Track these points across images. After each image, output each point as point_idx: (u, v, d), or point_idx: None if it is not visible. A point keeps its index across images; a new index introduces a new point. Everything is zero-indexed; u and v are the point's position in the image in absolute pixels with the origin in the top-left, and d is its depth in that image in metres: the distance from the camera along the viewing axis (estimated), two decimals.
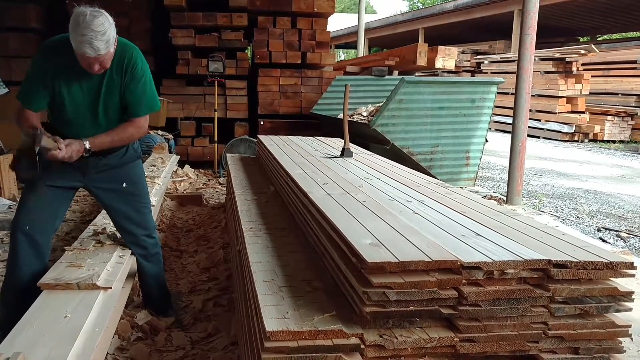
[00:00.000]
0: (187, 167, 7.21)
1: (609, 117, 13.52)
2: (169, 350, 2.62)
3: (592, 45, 14.29)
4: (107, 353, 2.42)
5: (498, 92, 6.40)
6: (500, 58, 16.37)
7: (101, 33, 2.19)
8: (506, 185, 6.17)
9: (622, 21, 19.07)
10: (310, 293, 1.81)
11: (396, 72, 8.15)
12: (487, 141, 6.48)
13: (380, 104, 6.28)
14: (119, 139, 2.53)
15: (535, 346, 1.67)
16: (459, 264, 1.61)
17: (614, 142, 13.46)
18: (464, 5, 18.66)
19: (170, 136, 7.33)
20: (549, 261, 1.65)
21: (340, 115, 6.09)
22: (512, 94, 7.49)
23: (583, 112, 13.75)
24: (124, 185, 2.67)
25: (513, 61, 12.80)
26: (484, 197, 5.46)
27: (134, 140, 2.64)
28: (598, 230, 5.30)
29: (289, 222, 2.78)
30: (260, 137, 5.07)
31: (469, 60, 18.86)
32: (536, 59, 12.77)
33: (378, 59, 8.68)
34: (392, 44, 22.15)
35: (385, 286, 1.56)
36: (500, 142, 11.31)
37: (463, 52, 18.79)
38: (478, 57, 18.16)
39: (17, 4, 7.04)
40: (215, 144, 7.34)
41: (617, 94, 13.84)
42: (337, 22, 24.12)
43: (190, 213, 5.33)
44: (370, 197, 2.54)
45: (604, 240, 4.93)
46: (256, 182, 3.91)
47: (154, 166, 5.26)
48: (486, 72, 16.65)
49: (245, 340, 2.07)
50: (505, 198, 6.16)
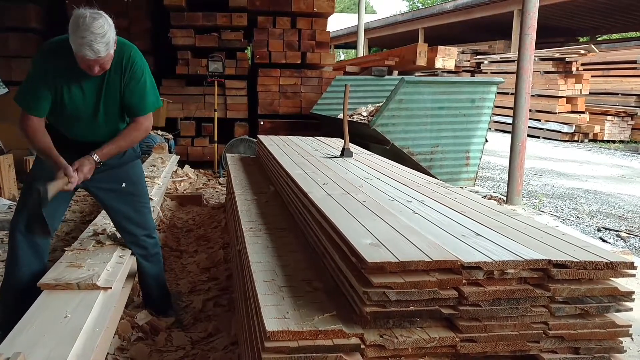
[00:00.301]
0: (187, 167, 7.21)
1: (608, 117, 13.52)
2: (169, 351, 2.62)
3: (591, 45, 14.30)
4: (108, 353, 2.41)
5: (498, 92, 6.40)
6: (500, 58, 16.37)
7: (101, 35, 2.18)
8: (506, 185, 6.17)
9: (622, 21, 19.08)
10: (310, 293, 1.81)
11: (396, 72, 8.15)
12: (487, 141, 6.48)
13: (380, 104, 6.28)
14: (125, 144, 2.53)
15: (536, 346, 1.67)
16: (459, 264, 1.61)
17: (613, 142, 13.46)
18: (464, 5, 18.66)
19: (170, 136, 7.33)
20: (549, 261, 1.65)
21: (340, 115, 6.09)
22: (512, 94, 7.49)
23: (583, 112, 13.75)
24: (124, 185, 2.67)
25: (513, 61, 12.79)
26: (484, 197, 5.46)
27: (140, 140, 2.64)
28: (598, 230, 5.30)
29: (289, 222, 2.77)
30: (260, 137, 5.07)
31: (468, 60, 18.86)
32: (536, 59, 12.77)
33: (378, 59, 8.68)
34: (392, 44, 22.15)
35: (386, 286, 1.56)
36: (500, 142, 11.31)
37: (463, 52, 18.79)
38: (478, 57, 18.15)
39: (17, 4, 7.04)
40: (215, 144, 7.33)
41: (616, 94, 13.84)
42: (337, 22, 24.11)
43: (190, 213, 5.33)
44: (371, 197, 2.54)
45: (604, 240, 4.93)
46: (256, 182, 3.91)
47: (154, 166, 5.26)
48: (486, 72, 16.65)
49: (245, 340, 2.07)
50: (505, 198, 6.16)
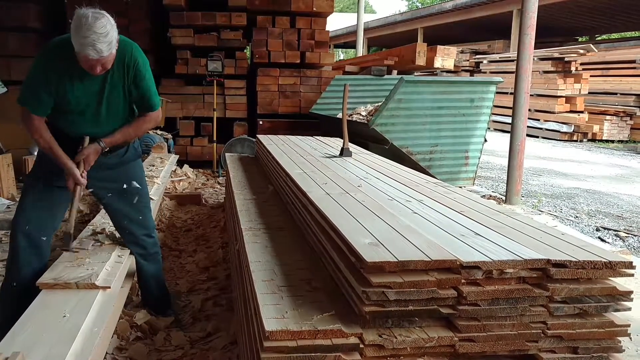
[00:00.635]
0: (186, 166, 7.20)
1: (607, 117, 13.53)
2: (168, 350, 2.61)
3: (591, 45, 14.30)
4: (106, 353, 2.41)
5: (497, 92, 6.40)
6: (499, 58, 16.37)
7: (103, 35, 2.19)
8: (505, 185, 6.17)
9: (621, 21, 19.08)
10: (309, 292, 1.81)
11: (395, 72, 8.15)
12: (486, 141, 6.48)
13: (379, 104, 6.28)
14: (134, 132, 2.61)
15: (535, 346, 1.67)
16: (458, 263, 1.61)
17: (612, 141, 13.47)
18: (463, 5, 18.66)
19: (169, 136, 7.32)
20: (548, 261, 1.66)
21: (339, 115, 6.10)
22: (511, 93, 7.49)
23: (582, 112, 13.76)
24: (124, 184, 2.68)
25: (512, 61, 12.79)
26: (483, 197, 5.46)
27: (149, 130, 2.74)
28: (597, 229, 5.30)
29: (288, 222, 2.77)
30: (259, 136, 5.07)
31: (467, 60, 18.86)
32: (535, 58, 12.77)
33: (377, 59, 8.69)
34: (391, 44, 22.15)
35: (385, 286, 1.56)
36: (499, 142, 11.30)
37: (462, 52, 18.79)
38: (477, 56, 18.15)
39: (17, 3, 7.03)
40: (214, 144, 7.33)
41: (615, 93, 13.85)
42: (336, 22, 24.11)
43: (189, 213, 5.33)
44: (370, 196, 2.54)
45: (602, 240, 4.93)
46: (255, 182, 3.91)
47: (153, 166, 5.26)
48: (485, 72, 16.64)
49: (244, 339, 2.07)
50: (504, 197, 6.16)
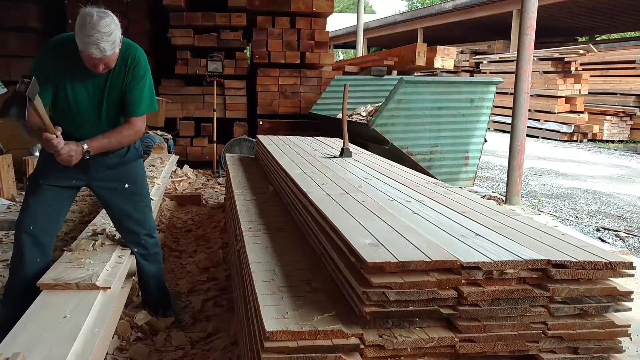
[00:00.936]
0: (186, 167, 7.20)
1: (607, 117, 13.54)
2: (169, 351, 2.61)
3: (590, 45, 14.31)
4: (107, 353, 2.41)
5: (497, 92, 6.40)
6: (499, 58, 16.38)
7: (107, 34, 2.19)
8: (505, 185, 6.17)
9: (621, 21, 19.09)
10: (309, 293, 1.81)
11: (395, 72, 8.16)
12: (486, 141, 6.48)
13: (379, 104, 6.28)
14: (116, 141, 2.53)
15: (535, 346, 1.67)
16: (458, 264, 1.61)
17: (612, 141, 13.47)
18: (463, 5, 18.66)
19: (169, 136, 7.33)
20: (549, 261, 1.66)
21: (339, 115, 6.10)
22: (511, 93, 7.50)
23: (582, 112, 13.76)
24: (126, 184, 2.68)
25: (512, 61, 12.79)
26: (483, 197, 5.46)
27: (130, 142, 2.63)
28: (597, 230, 5.31)
29: (288, 222, 2.77)
30: (259, 137, 5.07)
31: (467, 60, 18.87)
32: (535, 58, 12.78)
33: (377, 59, 8.69)
34: (391, 44, 22.15)
35: (385, 286, 1.56)
36: (499, 142, 11.31)
37: (462, 52, 18.80)
38: (477, 57, 18.16)
39: (17, 3, 7.03)
40: (214, 144, 7.33)
41: (615, 93, 13.85)
42: (336, 22, 24.10)
43: (189, 213, 5.33)
44: (370, 197, 2.54)
45: (603, 240, 4.93)
46: (255, 182, 3.91)
47: (153, 166, 5.26)
48: (485, 72, 16.65)
49: (244, 340, 2.08)
50: (504, 198, 6.16)
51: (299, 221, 2.66)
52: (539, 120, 14.16)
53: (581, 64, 13.85)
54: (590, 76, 14.10)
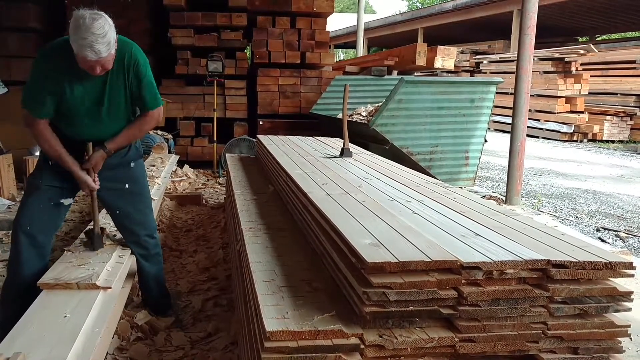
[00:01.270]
0: (186, 167, 7.20)
1: (608, 117, 13.54)
2: (169, 350, 2.62)
3: (591, 45, 14.31)
4: (107, 353, 2.42)
5: (497, 92, 6.40)
6: (500, 58, 16.38)
7: (102, 36, 2.18)
8: (505, 185, 6.17)
9: (621, 21, 19.09)
10: (310, 293, 1.81)
11: (395, 72, 8.15)
12: (486, 141, 6.48)
13: (380, 104, 6.28)
14: (136, 132, 2.63)
15: (535, 346, 1.67)
16: (458, 264, 1.61)
17: (612, 142, 13.47)
18: (463, 5, 18.67)
19: (170, 136, 7.33)
20: (549, 261, 1.66)
21: (340, 115, 6.10)
22: (511, 93, 7.49)
23: (582, 112, 13.77)
24: (126, 184, 2.68)
25: (512, 61, 12.80)
26: (483, 197, 5.47)
27: (150, 129, 2.74)
28: (597, 230, 5.31)
29: (288, 222, 2.78)
30: (260, 137, 5.07)
31: (468, 60, 18.87)
32: (535, 58, 12.78)
33: (377, 59, 8.68)
34: (391, 44, 22.15)
35: (385, 286, 1.56)
36: (500, 142, 11.31)
37: (462, 52, 18.80)
38: (477, 57, 18.17)
39: (17, 3, 7.03)
40: (215, 144, 7.33)
41: (616, 93, 13.85)
42: (337, 22, 24.12)
43: (189, 213, 5.33)
44: (370, 197, 2.54)
45: (603, 240, 4.93)
46: (255, 182, 3.91)
47: (154, 166, 5.26)
48: (485, 72, 16.66)
49: (245, 340, 2.08)
50: (504, 198, 6.16)
51: (299, 221, 2.67)
52: (539, 120, 14.16)
53: (581, 64, 13.86)
54: (591, 76, 14.11)
